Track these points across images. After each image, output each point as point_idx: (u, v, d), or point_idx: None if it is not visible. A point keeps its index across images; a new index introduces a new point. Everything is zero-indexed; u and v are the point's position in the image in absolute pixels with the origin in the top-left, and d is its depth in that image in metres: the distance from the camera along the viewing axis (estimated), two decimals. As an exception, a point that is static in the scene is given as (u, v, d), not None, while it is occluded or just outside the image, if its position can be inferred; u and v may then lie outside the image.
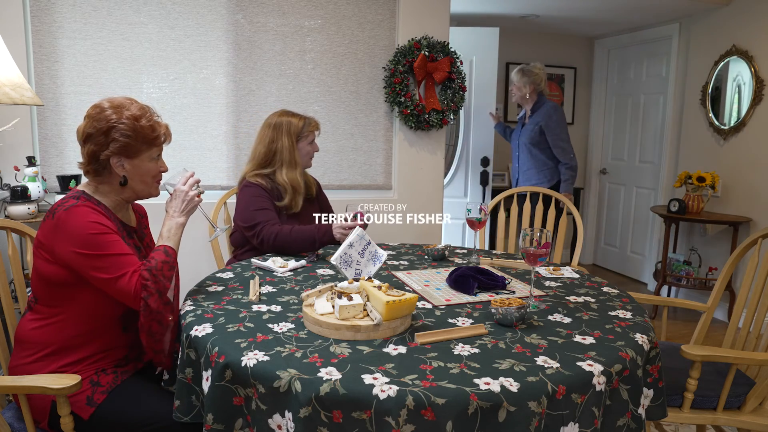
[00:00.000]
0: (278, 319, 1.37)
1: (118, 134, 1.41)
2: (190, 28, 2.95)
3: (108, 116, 1.41)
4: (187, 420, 1.26)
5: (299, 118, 2.28)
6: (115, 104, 1.44)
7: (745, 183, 3.79)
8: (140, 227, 1.64)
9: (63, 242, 1.34)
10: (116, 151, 1.42)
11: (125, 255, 1.36)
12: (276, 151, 2.24)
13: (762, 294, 1.76)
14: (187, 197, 1.55)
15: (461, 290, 1.63)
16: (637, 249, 4.91)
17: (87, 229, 1.34)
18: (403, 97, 3.27)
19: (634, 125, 4.88)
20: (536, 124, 3.68)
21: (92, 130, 1.41)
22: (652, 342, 1.32)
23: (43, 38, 2.70)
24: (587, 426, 1.10)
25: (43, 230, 1.38)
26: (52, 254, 1.36)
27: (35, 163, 2.52)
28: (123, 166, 1.45)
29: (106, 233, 1.36)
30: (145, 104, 1.50)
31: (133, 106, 1.46)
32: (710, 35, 4.04)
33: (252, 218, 2.14)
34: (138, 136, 1.44)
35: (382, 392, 1.00)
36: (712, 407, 1.65)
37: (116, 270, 1.33)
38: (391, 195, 3.48)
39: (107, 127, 1.41)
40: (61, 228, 1.34)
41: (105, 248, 1.34)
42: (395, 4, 3.33)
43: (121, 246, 1.37)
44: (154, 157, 1.51)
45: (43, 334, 1.41)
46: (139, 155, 1.46)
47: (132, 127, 1.43)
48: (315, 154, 2.41)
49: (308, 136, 2.28)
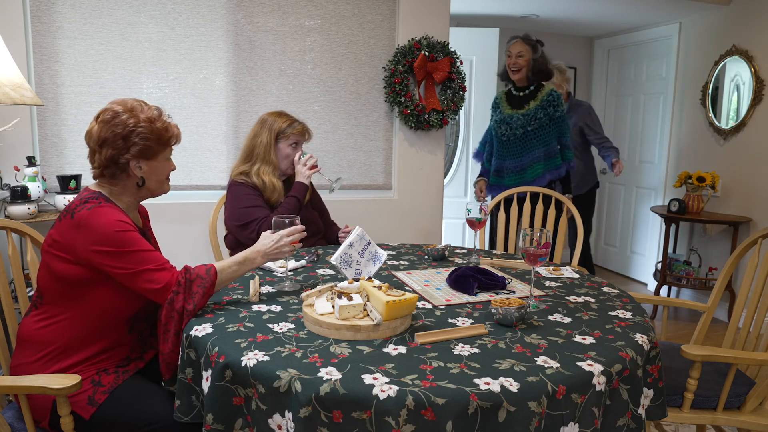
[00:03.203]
0: (278, 319, 1.37)
1: (137, 138, 1.44)
2: (190, 28, 2.95)
3: (125, 120, 1.43)
4: (187, 420, 1.26)
5: (286, 119, 2.28)
6: (128, 107, 1.46)
7: (745, 183, 3.79)
8: (145, 228, 1.66)
9: (86, 241, 1.35)
10: (136, 154, 1.45)
11: (151, 251, 1.40)
12: (255, 146, 2.26)
13: (762, 294, 1.76)
14: (280, 244, 1.54)
15: (461, 290, 1.63)
16: (637, 249, 4.91)
17: (114, 227, 1.36)
18: (403, 97, 3.27)
19: (634, 125, 4.88)
20: (574, 124, 3.78)
21: (109, 135, 1.43)
22: (652, 342, 1.32)
23: (43, 38, 2.70)
24: (587, 426, 1.10)
25: (60, 229, 1.39)
26: (71, 252, 1.37)
27: (35, 163, 2.52)
28: (141, 168, 1.48)
29: (132, 230, 1.40)
30: (155, 105, 1.53)
31: (147, 109, 1.49)
32: (710, 35, 4.04)
33: (247, 215, 2.15)
34: (155, 138, 1.48)
35: (382, 392, 1.00)
36: (712, 407, 1.65)
37: (148, 263, 1.37)
38: (391, 195, 3.48)
39: (127, 131, 1.43)
40: (84, 227, 1.35)
41: (133, 245, 1.37)
42: (395, 4, 3.33)
43: (147, 243, 1.41)
44: (168, 157, 1.56)
45: (48, 333, 1.41)
46: (156, 157, 1.50)
47: (150, 130, 1.46)
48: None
49: (289, 138, 2.26)
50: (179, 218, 3.01)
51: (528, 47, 3.16)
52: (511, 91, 3.29)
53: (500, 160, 3.28)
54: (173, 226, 2.99)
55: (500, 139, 3.27)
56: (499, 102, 3.33)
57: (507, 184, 3.20)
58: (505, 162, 3.26)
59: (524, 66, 3.15)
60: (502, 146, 3.27)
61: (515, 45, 3.19)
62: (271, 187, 2.22)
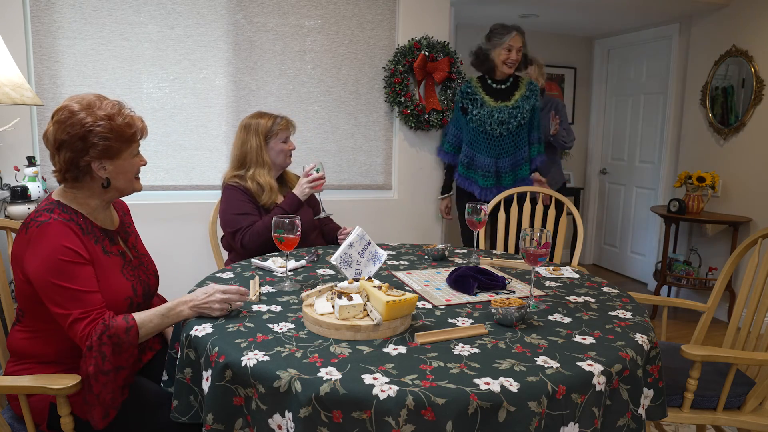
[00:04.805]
0: (278, 319, 1.37)
1: (96, 138, 1.34)
2: (190, 28, 2.95)
3: (82, 120, 1.33)
4: (185, 420, 1.25)
5: (268, 117, 2.30)
6: (85, 104, 1.35)
7: (745, 183, 3.79)
8: (123, 226, 1.58)
9: (32, 261, 1.28)
10: (97, 155, 1.35)
11: (88, 293, 1.29)
12: (247, 152, 2.27)
13: (762, 294, 1.76)
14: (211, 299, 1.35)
15: (461, 290, 1.63)
16: (637, 249, 4.91)
17: (57, 253, 1.27)
18: (403, 97, 3.27)
19: (634, 125, 4.88)
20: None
21: (65, 137, 1.33)
22: (652, 342, 1.32)
23: (43, 38, 2.70)
24: (587, 426, 1.10)
25: (18, 245, 1.32)
26: (23, 270, 1.31)
27: (35, 163, 2.52)
28: (105, 168, 1.39)
29: (77, 262, 1.30)
30: (116, 99, 1.42)
31: (105, 104, 1.38)
32: (710, 35, 4.04)
33: (235, 223, 2.18)
34: (117, 136, 1.37)
35: (382, 392, 1.00)
36: (712, 407, 1.65)
37: (74, 306, 1.27)
38: (391, 195, 3.48)
39: (83, 132, 1.33)
40: (32, 245, 1.29)
41: (70, 280, 1.27)
42: (395, 4, 3.33)
43: (87, 280, 1.31)
44: (135, 153, 1.46)
45: (33, 345, 1.38)
46: (120, 155, 1.40)
47: (110, 128, 1.35)
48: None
49: (278, 135, 2.28)
50: (179, 218, 3.01)
51: (524, 39, 2.99)
52: (488, 83, 3.06)
53: (494, 159, 3.03)
54: (173, 226, 2.99)
55: (491, 136, 3.01)
56: (475, 94, 3.05)
57: (506, 185, 3.04)
58: (499, 161, 3.04)
59: (518, 60, 2.99)
60: (494, 143, 3.00)
61: (516, 39, 2.95)
62: (268, 189, 2.23)
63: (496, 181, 3.08)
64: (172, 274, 2.58)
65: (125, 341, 1.29)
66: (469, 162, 3.12)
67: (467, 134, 3.11)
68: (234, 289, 1.38)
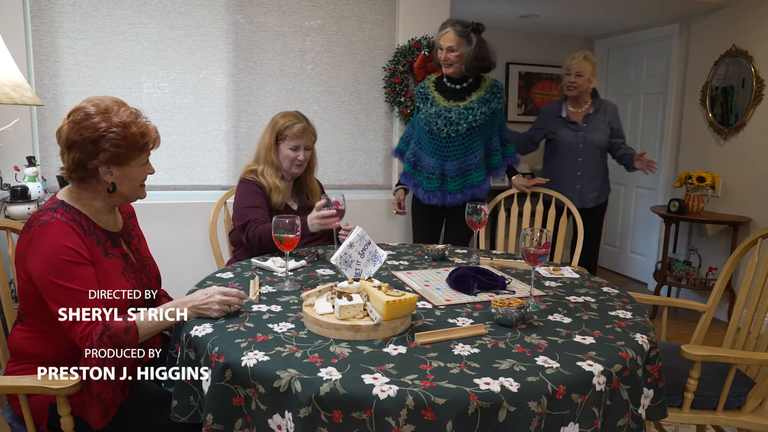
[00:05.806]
0: (278, 319, 1.37)
1: (107, 144, 1.34)
2: (190, 28, 2.95)
3: (96, 124, 1.33)
4: (184, 420, 1.25)
5: (289, 119, 2.23)
6: (102, 108, 1.36)
7: (745, 183, 3.79)
8: (126, 229, 1.58)
9: (34, 259, 1.29)
10: (106, 160, 1.36)
11: (89, 293, 1.29)
12: (260, 147, 2.26)
13: (762, 294, 1.76)
14: (211, 300, 1.35)
15: (461, 290, 1.63)
16: (637, 249, 4.91)
17: (59, 253, 1.28)
18: (403, 97, 3.27)
19: (634, 125, 4.88)
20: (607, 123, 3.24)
21: (78, 138, 1.33)
22: (652, 342, 1.32)
23: (43, 38, 2.70)
24: (587, 426, 1.09)
25: (21, 244, 1.33)
26: (25, 270, 1.32)
27: (35, 163, 2.52)
28: (111, 174, 1.39)
29: (77, 262, 1.30)
30: (133, 107, 1.42)
31: (122, 111, 1.38)
32: (710, 35, 4.04)
33: (243, 216, 2.16)
34: (129, 144, 1.37)
35: (382, 392, 1.00)
36: (712, 407, 1.65)
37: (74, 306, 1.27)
38: (391, 195, 3.48)
39: (96, 136, 1.33)
40: (34, 245, 1.29)
41: (72, 280, 1.28)
42: (395, 4, 3.33)
43: (88, 280, 1.31)
44: (144, 162, 1.45)
45: (34, 345, 1.38)
46: (129, 162, 1.40)
47: (122, 136, 1.35)
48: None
49: (288, 139, 2.21)
50: (179, 218, 3.01)
51: (461, 40, 2.60)
52: (443, 82, 2.76)
53: (439, 161, 2.74)
54: (173, 226, 2.99)
55: (437, 137, 2.72)
56: (427, 92, 2.78)
57: (452, 190, 2.75)
58: (446, 164, 2.73)
59: (456, 61, 2.64)
60: (440, 145, 2.72)
61: (446, 37, 2.63)
62: (276, 189, 2.21)
63: (441, 184, 2.77)
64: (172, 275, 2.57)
65: (125, 341, 1.29)
66: (415, 161, 2.85)
67: (416, 133, 2.87)
68: (234, 292, 1.39)
